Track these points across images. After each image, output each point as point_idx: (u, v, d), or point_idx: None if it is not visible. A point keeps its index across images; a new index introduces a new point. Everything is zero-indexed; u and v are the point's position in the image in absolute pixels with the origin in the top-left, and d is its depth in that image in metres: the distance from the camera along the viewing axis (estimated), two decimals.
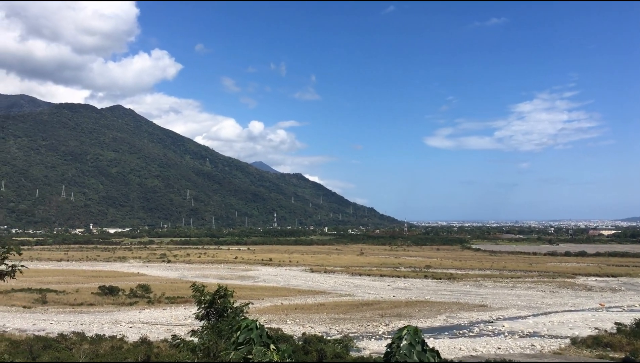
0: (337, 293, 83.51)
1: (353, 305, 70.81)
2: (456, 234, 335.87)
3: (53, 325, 56.20)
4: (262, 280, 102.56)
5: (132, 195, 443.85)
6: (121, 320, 59.79)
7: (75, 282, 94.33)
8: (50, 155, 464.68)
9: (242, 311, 14.27)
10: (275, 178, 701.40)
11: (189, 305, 67.84)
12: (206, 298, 14.50)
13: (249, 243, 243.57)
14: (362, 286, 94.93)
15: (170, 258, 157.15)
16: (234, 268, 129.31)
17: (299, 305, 70.65)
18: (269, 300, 75.03)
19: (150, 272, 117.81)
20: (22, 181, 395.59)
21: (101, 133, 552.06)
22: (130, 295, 76.35)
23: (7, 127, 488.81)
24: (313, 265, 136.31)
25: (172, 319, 61.04)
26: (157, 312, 65.58)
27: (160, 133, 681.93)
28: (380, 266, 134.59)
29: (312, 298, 78.06)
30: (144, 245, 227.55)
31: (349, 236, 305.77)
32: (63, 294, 77.45)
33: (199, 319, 14.83)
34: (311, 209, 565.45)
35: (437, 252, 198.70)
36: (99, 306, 69.73)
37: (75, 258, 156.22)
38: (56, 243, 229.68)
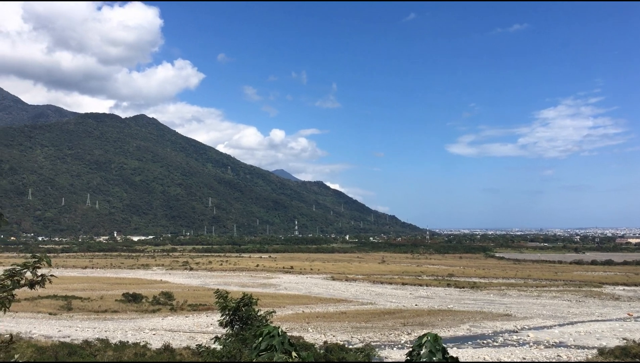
0: (358, 302, 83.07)
1: (375, 314, 70.33)
2: (479, 242, 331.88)
3: (78, 332, 56.94)
4: (284, 288, 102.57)
5: (155, 203, 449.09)
6: (144, 327, 60.31)
7: (100, 289, 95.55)
8: (75, 164, 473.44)
9: (265, 319, 14.27)
10: (297, 186, 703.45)
11: (211, 312, 68.23)
12: (230, 305, 14.54)
13: (270, 251, 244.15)
14: (383, 294, 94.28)
15: (193, 265, 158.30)
16: (256, 276, 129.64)
17: (320, 313, 70.44)
18: (290, 308, 74.97)
19: (173, 279, 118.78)
20: (48, 189, 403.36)
21: (125, 142, 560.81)
22: (153, 302, 77.02)
23: (34, 137, 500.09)
24: (334, 273, 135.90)
25: (194, 326, 61.37)
26: (180, 319, 66.01)
27: (182, 142, 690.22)
28: (402, 274, 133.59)
29: (333, 306, 77.77)
30: (167, 253, 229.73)
31: (371, 244, 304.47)
32: (88, 301, 78.49)
33: (222, 326, 14.85)
34: (332, 217, 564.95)
35: (459, 260, 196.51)
36: (122, 313, 70.49)
37: (99, 266, 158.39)
38: (81, 250, 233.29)
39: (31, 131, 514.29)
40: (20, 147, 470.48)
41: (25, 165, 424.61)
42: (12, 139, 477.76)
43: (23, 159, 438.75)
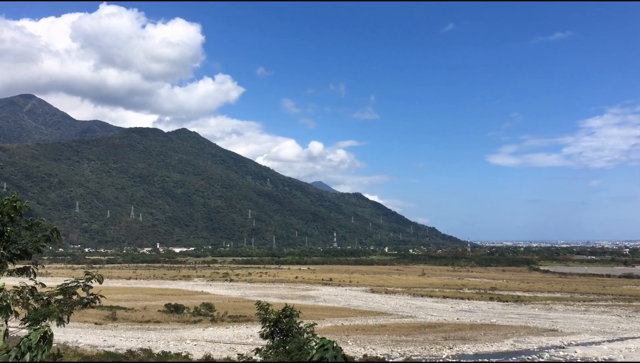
0: (398, 315, 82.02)
1: (415, 327, 69.26)
2: (523, 255, 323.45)
3: (122, 342, 58.15)
4: (323, 300, 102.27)
5: (196, 215, 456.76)
6: (186, 338, 61.09)
7: (143, 300, 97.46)
8: (120, 177, 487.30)
9: (306, 331, 14.16)
10: (335, 198, 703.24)
11: (251, 324, 68.57)
12: (271, 317, 14.51)
13: (309, 262, 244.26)
14: (424, 307, 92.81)
15: (233, 277, 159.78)
16: (295, 288, 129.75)
17: (359, 326, 69.86)
18: (329, 320, 74.61)
19: (214, 291, 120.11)
20: (94, 202, 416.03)
21: (167, 156, 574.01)
22: (195, 313, 78.01)
23: (81, 151, 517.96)
24: (373, 286, 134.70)
25: (234, 338, 61.78)
26: (220, 330, 66.58)
27: (222, 155, 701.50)
28: (443, 287, 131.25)
29: (373, 319, 77.01)
30: (208, 264, 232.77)
31: (410, 257, 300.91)
32: (132, 311, 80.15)
33: (263, 337, 14.82)
34: (371, 229, 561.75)
35: (502, 273, 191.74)
36: (165, 323, 71.64)
37: (143, 277, 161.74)
38: (125, 261, 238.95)
39: (78, 146, 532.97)
40: (68, 161, 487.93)
41: (73, 179, 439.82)
42: (60, 153, 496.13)
43: (71, 173, 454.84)
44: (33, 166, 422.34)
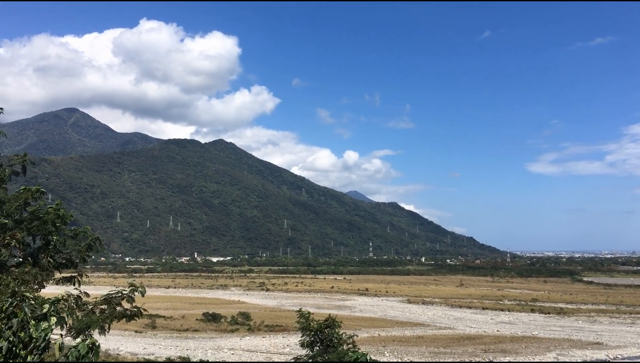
0: (436, 326, 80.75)
1: (454, 339, 68.02)
2: (565, 265, 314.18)
3: (161, 350, 59.08)
4: (359, 310, 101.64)
5: (233, 225, 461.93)
6: (223, 347, 61.60)
7: (182, 308, 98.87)
8: (159, 188, 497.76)
9: (346, 342, 14.07)
10: (371, 207, 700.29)
11: (287, 333, 68.73)
12: (312, 326, 14.47)
13: (345, 272, 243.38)
14: (462, 319, 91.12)
15: (269, 286, 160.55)
16: (331, 298, 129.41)
17: (396, 337, 69.06)
18: (365, 330, 74.00)
19: (250, 300, 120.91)
20: (135, 212, 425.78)
21: (205, 166, 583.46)
22: (232, 322, 78.65)
23: (122, 163, 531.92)
24: (410, 296, 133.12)
25: (271, 347, 61.94)
26: (257, 340, 66.88)
27: (258, 165, 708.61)
28: (482, 298, 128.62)
29: (410, 330, 76.05)
30: (244, 274, 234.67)
31: (448, 267, 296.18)
32: (170, 320, 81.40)
33: (303, 347, 14.77)
34: (407, 239, 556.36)
35: (544, 284, 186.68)
36: (202, 332, 72.46)
37: (181, 285, 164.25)
38: (164, 270, 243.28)
39: (120, 157, 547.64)
40: (110, 172, 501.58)
41: (114, 189, 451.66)
42: (102, 165, 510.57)
43: (112, 184, 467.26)
44: (77, 177, 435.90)
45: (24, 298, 6.83)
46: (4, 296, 6.99)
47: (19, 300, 6.75)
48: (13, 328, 6.48)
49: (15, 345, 6.43)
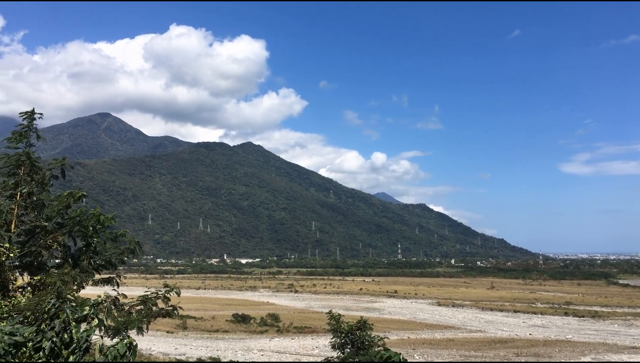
0: (466, 329, 79.78)
1: (485, 342, 67.08)
2: (600, 267, 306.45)
3: (192, 350, 59.87)
4: (388, 313, 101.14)
5: (262, 227, 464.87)
6: (253, 348, 62.05)
7: (212, 309, 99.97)
8: (189, 190, 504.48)
9: (377, 344, 14.06)
10: (399, 209, 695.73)
11: (316, 335, 68.81)
12: (343, 327, 14.49)
13: (373, 274, 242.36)
14: (493, 322, 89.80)
15: (297, 288, 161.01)
16: (359, 300, 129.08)
17: (426, 340, 68.48)
18: (395, 333, 73.60)
19: (279, 302, 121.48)
20: (166, 214, 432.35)
21: (233, 169, 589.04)
22: (261, 323, 79.19)
23: (153, 166, 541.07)
24: (440, 298, 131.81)
25: (300, 348, 62.11)
26: (286, 341, 67.17)
27: (286, 167, 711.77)
28: (514, 301, 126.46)
29: (440, 332, 75.32)
30: (273, 275, 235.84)
31: (478, 269, 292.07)
32: (201, 321, 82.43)
33: (334, 348, 14.80)
34: (436, 241, 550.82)
35: (578, 287, 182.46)
36: (232, 333, 73.15)
37: (211, 287, 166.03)
38: (194, 272, 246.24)
39: (150, 161, 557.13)
40: (142, 176, 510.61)
41: (145, 192, 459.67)
42: (134, 168, 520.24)
43: (144, 187, 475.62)
44: (109, 180, 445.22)
45: (66, 300, 7.02)
46: (47, 297, 7.19)
47: (61, 301, 6.94)
48: (55, 329, 6.67)
49: (57, 346, 6.61)
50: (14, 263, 10.26)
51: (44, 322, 6.85)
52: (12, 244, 9.89)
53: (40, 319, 6.94)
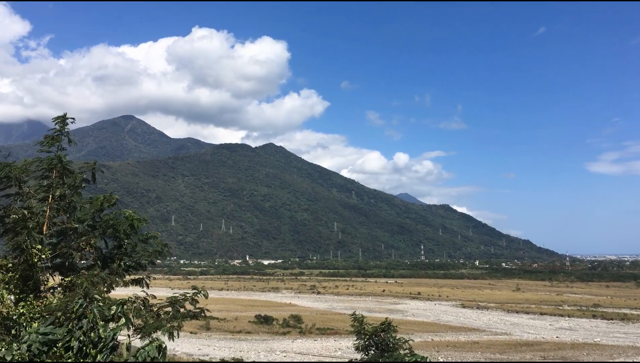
0: (491, 331, 78.81)
1: (510, 345, 66.16)
2: (629, 269, 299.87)
3: (215, 351, 60.30)
4: (411, 314, 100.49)
5: (284, 228, 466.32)
6: (275, 349, 62.22)
7: (235, 310, 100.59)
8: (212, 192, 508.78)
9: (401, 347, 13.93)
10: (422, 210, 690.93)
11: (339, 337, 68.69)
12: (367, 329, 14.41)
13: (396, 275, 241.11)
14: (519, 324, 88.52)
15: (320, 289, 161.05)
16: (382, 301, 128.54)
17: (450, 342, 67.83)
18: (418, 335, 73.05)
19: (301, 303, 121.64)
20: (188, 216, 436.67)
21: (255, 170, 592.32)
22: (284, 324, 79.38)
23: (176, 168, 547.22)
24: (464, 300, 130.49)
25: (322, 350, 62.07)
26: (309, 343, 67.19)
27: (308, 168, 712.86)
28: (540, 303, 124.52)
29: (464, 335, 74.53)
30: (295, 276, 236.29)
31: (503, 271, 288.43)
32: (224, 321, 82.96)
33: (357, 350, 14.72)
34: (460, 242, 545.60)
35: (606, 289, 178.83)
36: (255, 334, 73.46)
37: (234, 288, 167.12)
38: (217, 273, 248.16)
39: (173, 162, 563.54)
40: (165, 177, 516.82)
41: (169, 194, 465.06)
42: (157, 170, 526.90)
43: (167, 188, 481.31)
44: (133, 182, 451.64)
45: (93, 300, 7.11)
46: (76, 297, 7.29)
47: (89, 301, 7.03)
48: (83, 328, 6.75)
49: (85, 345, 6.70)
50: (46, 264, 10.45)
51: (72, 322, 6.95)
52: (44, 246, 10.08)
53: (70, 319, 7.04)
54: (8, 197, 10.92)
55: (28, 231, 9.77)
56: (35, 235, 9.82)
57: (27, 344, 6.90)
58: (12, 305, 9.24)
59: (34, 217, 10.16)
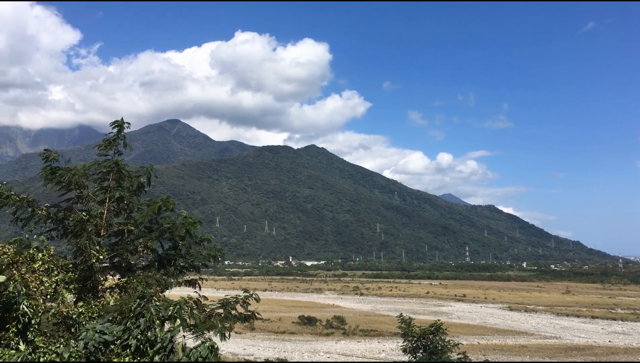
0: (540, 335, 76.75)
1: (560, 349, 64.28)
2: None
3: (260, 351, 61.04)
4: (456, 317, 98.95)
5: (326, 229, 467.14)
6: (319, 350, 62.44)
7: (278, 311, 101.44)
8: (255, 193, 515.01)
9: (451, 350, 13.82)
10: (466, 210, 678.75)
11: (382, 338, 68.33)
12: (415, 331, 14.36)
13: (440, 277, 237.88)
14: (569, 328, 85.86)
15: (363, 291, 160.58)
16: (426, 303, 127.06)
17: (497, 345, 66.45)
18: (464, 338, 71.73)
19: (344, 304, 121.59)
20: (232, 217, 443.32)
21: (297, 172, 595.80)
22: (327, 325, 79.55)
23: (220, 170, 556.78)
24: (511, 303, 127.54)
25: (366, 352, 61.90)
26: (352, 344, 67.11)
27: (350, 169, 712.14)
28: (591, 306, 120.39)
29: (512, 338, 72.88)
30: (338, 278, 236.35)
31: (552, 273, 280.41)
32: (268, 322, 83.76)
33: (405, 352, 14.69)
34: (507, 243, 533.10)
35: None
36: (299, 335, 73.93)
37: (277, 289, 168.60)
38: (261, 274, 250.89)
39: (217, 165, 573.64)
40: (209, 179, 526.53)
41: (213, 196, 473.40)
42: (202, 173, 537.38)
43: (211, 191, 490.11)
44: (179, 185, 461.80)
45: (150, 299, 7.38)
46: (134, 297, 7.59)
47: (146, 300, 7.30)
48: (141, 327, 7.02)
49: (143, 344, 6.96)
50: (104, 265, 10.94)
51: (130, 320, 7.23)
52: (102, 247, 10.53)
53: (127, 318, 7.34)
54: (68, 201, 11.47)
55: (87, 233, 10.24)
56: (93, 237, 10.28)
57: (84, 342, 7.23)
58: (72, 304, 9.70)
59: (92, 220, 10.64)
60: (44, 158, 11.52)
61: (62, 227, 11.13)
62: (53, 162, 11.54)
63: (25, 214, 11.31)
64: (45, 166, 11.47)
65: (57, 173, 11.36)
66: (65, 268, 10.22)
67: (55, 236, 11.48)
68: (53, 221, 11.43)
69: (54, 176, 11.33)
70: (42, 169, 11.45)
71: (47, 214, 11.41)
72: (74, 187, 11.27)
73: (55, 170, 11.43)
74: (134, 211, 11.39)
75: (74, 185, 11.24)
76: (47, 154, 11.51)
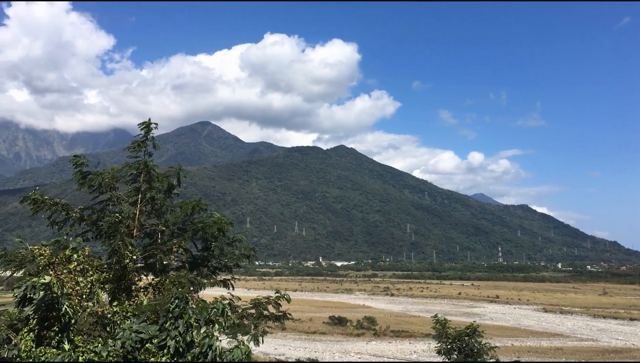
0: (576, 337, 74.98)
1: (597, 352, 62.67)
2: None
3: (291, 351, 61.26)
4: (489, 318, 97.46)
5: (356, 230, 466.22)
6: (350, 350, 62.34)
7: (309, 311, 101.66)
8: (284, 194, 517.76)
9: (486, 353, 13.62)
10: (498, 210, 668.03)
11: (414, 339, 67.79)
12: (450, 333, 14.21)
13: (472, 278, 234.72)
14: (607, 330, 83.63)
15: (393, 291, 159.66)
16: (458, 304, 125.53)
17: (531, 348, 65.20)
18: (497, 339, 70.64)
19: (375, 305, 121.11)
20: (262, 218, 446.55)
21: (327, 172, 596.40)
22: (357, 326, 79.36)
23: (250, 171, 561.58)
24: (546, 304, 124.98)
25: (397, 353, 61.51)
26: (383, 345, 66.77)
27: (380, 169, 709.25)
28: (630, 308, 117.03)
29: (547, 340, 71.40)
30: (368, 278, 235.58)
31: (588, 274, 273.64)
32: (299, 322, 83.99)
33: (439, 354, 14.55)
34: (541, 244, 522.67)
35: None
36: (329, 335, 73.94)
37: (307, 289, 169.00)
38: (291, 274, 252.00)
39: (247, 166, 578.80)
40: (239, 181, 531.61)
41: (243, 196, 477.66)
42: (232, 174, 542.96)
43: (242, 191, 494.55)
44: (210, 186, 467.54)
45: (188, 301, 7.47)
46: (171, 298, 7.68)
47: (185, 302, 7.39)
48: (179, 329, 7.11)
49: (181, 346, 7.04)
50: (138, 265, 11.15)
51: (169, 321, 7.32)
52: (135, 247, 10.74)
53: (164, 318, 7.43)
54: (101, 203, 11.76)
55: (120, 234, 10.46)
56: (126, 239, 10.50)
57: (122, 341, 7.36)
58: (107, 303, 9.91)
59: (124, 221, 10.86)
60: (74, 163, 11.95)
61: (96, 228, 11.43)
62: (84, 167, 11.95)
63: (60, 217, 11.73)
64: (76, 171, 11.89)
65: (87, 177, 11.77)
66: (100, 268, 10.46)
67: (90, 238, 11.83)
68: (87, 223, 11.80)
69: (85, 181, 11.75)
70: (74, 175, 11.89)
71: (80, 216, 11.77)
72: (104, 190, 11.58)
73: (85, 174, 11.84)
74: (167, 212, 11.60)
75: (104, 188, 11.54)
76: (76, 160, 11.96)
